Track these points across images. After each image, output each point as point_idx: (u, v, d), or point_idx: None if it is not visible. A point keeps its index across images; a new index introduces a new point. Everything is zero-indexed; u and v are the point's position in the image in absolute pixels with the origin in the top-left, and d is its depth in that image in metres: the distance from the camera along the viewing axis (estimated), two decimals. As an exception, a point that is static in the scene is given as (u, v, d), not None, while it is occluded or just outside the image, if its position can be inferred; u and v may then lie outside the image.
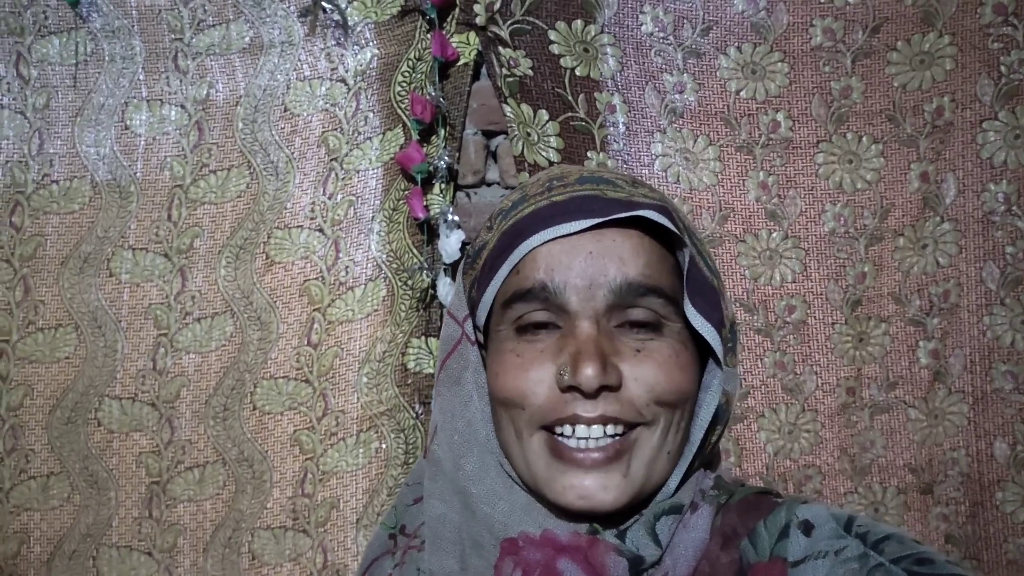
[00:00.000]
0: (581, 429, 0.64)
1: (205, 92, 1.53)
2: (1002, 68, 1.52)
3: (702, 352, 0.69)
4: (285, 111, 1.54)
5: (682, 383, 0.65)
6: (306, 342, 1.52)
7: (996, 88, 1.52)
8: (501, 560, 0.64)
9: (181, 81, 1.52)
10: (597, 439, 0.64)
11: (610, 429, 0.64)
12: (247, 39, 1.54)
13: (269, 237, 1.53)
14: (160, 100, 1.53)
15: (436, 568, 0.67)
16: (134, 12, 1.52)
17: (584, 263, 0.65)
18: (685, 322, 0.67)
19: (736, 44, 1.56)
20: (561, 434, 0.65)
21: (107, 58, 1.52)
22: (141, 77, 1.53)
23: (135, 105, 1.52)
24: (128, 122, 1.52)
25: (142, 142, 1.52)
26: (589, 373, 0.62)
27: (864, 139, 1.55)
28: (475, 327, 0.72)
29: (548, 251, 0.65)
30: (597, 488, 0.63)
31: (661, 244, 0.67)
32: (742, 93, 1.56)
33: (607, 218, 0.65)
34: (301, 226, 1.53)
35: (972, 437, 1.50)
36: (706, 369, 0.69)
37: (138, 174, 1.52)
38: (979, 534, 1.47)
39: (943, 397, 1.51)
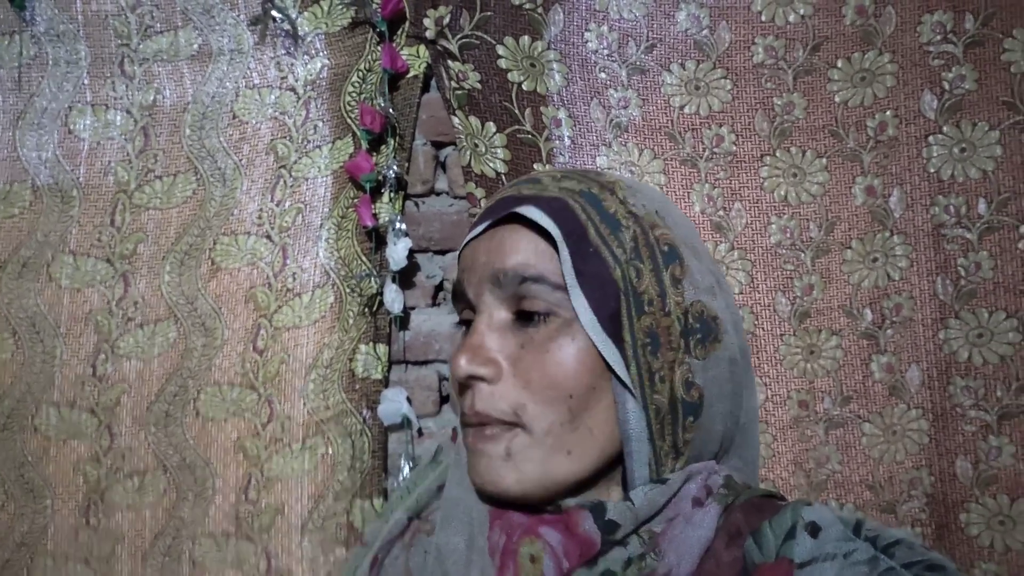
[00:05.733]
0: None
1: (152, 98, 1.35)
2: (944, 84, 1.35)
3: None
4: (234, 118, 1.36)
5: (558, 374, 0.57)
6: (252, 348, 1.32)
7: (940, 103, 1.34)
8: (491, 530, 0.58)
9: (127, 86, 1.34)
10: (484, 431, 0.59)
11: (488, 431, 0.58)
12: (195, 46, 1.36)
13: (215, 243, 1.34)
14: (105, 105, 1.35)
15: (443, 543, 0.60)
16: (80, 16, 1.34)
17: (479, 260, 0.61)
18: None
19: (680, 61, 1.39)
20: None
21: (51, 62, 1.34)
22: (86, 82, 1.35)
23: (79, 109, 1.34)
24: (72, 126, 1.34)
25: (85, 147, 1.34)
26: (459, 362, 0.58)
27: (808, 153, 1.37)
28: None
29: (465, 254, 0.63)
30: (489, 469, 0.57)
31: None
32: (686, 108, 1.38)
33: (496, 217, 0.61)
34: (248, 232, 1.35)
35: (934, 455, 1.29)
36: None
37: (81, 179, 1.34)
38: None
39: (901, 413, 1.29)
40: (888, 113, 1.38)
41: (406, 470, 1.34)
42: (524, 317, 0.59)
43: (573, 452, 0.57)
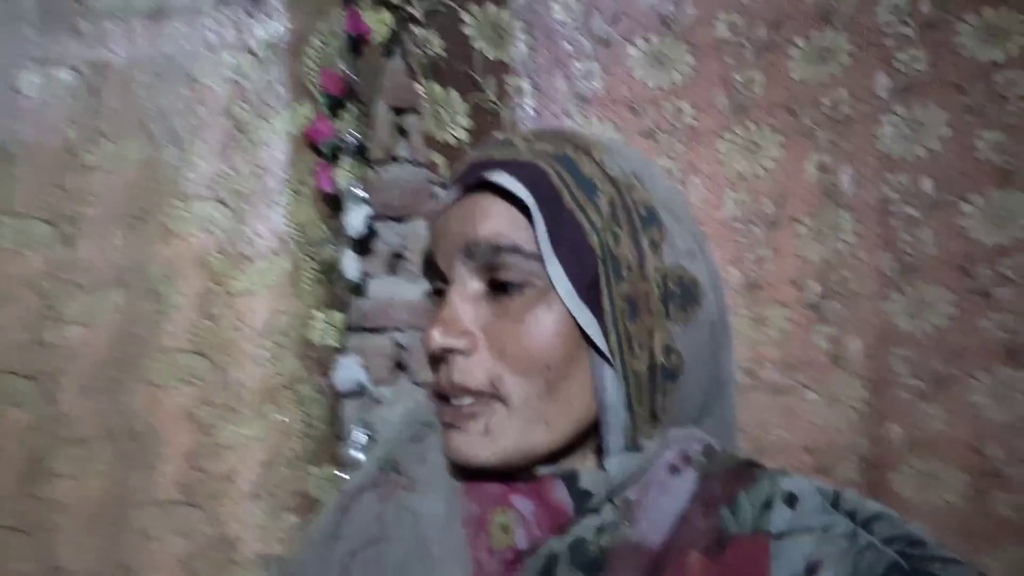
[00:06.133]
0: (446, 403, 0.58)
1: (103, 56, 1.28)
2: (897, 64, 1.35)
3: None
4: (189, 79, 1.29)
5: (534, 346, 0.55)
6: (203, 315, 1.27)
7: (893, 83, 1.34)
8: (466, 499, 0.57)
9: (77, 43, 1.27)
10: (458, 404, 0.56)
11: (466, 400, 0.56)
12: (150, 3, 1.31)
13: (167, 207, 1.27)
14: (54, 62, 1.27)
15: (421, 508, 0.59)
16: (26, -31, 1.27)
17: (450, 229, 0.58)
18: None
19: (643, 34, 1.37)
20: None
21: (-5, 15, 1.26)
22: (34, 38, 1.26)
23: (26, 67, 1.26)
24: (18, 84, 1.26)
25: (32, 105, 1.25)
26: (432, 335, 0.56)
27: (764, 129, 1.36)
28: None
29: (438, 222, 0.60)
30: (467, 444, 0.55)
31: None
32: (648, 82, 1.37)
33: (466, 184, 0.58)
34: (202, 197, 1.29)
35: (871, 421, 1.30)
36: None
37: (26, 138, 1.26)
38: None
39: (842, 381, 1.31)
40: (843, 91, 1.39)
41: (360, 437, 1.32)
42: (498, 287, 0.56)
43: (551, 423, 0.55)
